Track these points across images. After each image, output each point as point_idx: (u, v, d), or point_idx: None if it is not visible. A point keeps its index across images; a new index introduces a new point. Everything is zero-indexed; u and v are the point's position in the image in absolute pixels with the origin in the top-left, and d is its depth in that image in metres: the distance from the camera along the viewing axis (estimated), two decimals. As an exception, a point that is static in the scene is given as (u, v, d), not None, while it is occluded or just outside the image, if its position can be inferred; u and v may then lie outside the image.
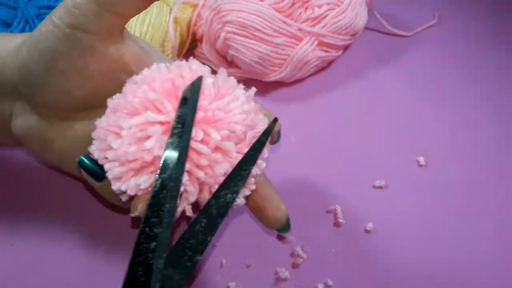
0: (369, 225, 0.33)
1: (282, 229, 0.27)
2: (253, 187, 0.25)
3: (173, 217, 0.21)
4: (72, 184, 0.34)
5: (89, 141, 0.25)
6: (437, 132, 0.40)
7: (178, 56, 0.42)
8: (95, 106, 0.26)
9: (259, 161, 0.25)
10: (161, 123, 0.23)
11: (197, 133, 0.23)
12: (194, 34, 0.43)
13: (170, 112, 0.23)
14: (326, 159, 0.38)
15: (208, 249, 0.23)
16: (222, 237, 0.33)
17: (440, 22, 0.49)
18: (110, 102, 0.25)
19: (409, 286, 0.31)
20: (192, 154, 0.23)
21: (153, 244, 0.20)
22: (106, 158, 0.24)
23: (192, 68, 0.25)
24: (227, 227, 0.34)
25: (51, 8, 0.41)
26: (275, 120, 0.27)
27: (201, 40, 0.42)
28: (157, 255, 0.20)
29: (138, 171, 0.23)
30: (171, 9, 0.41)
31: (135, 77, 0.25)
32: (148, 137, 0.23)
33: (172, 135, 0.22)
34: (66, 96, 0.26)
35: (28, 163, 0.36)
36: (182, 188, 0.23)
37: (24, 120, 0.27)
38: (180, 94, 0.23)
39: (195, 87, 0.24)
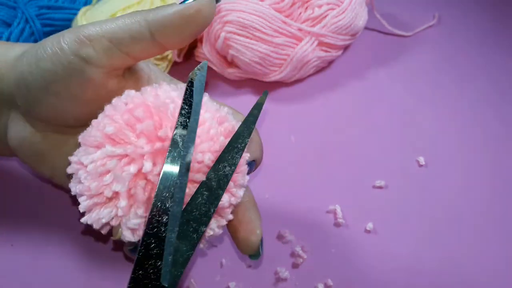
0: (369, 225, 0.33)
1: (252, 255, 0.26)
2: (230, 217, 0.24)
3: (183, 192, 0.22)
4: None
5: None
6: (437, 132, 0.40)
7: (178, 56, 0.42)
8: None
9: (233, 190, 0.24)
10: (120, 156, 0.22)
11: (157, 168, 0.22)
12: (194, 34, 0.43)
13: (133, 142, 0.22)
14: (326, 159, 0.38)
15: (211, 221, 0.23)
16: (222, 237, 0.33)
17: (440, 22, 0.49)
18: (81, 135, 0.24)
19: (409, 286, 0.31)
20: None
21: (165, 217, 0.21)
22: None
23: (157, 94, 0.24)
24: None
25: (51, 8, 0.41)
26: (265, 92, 0.26)
27: (201, 40, 0.42)
28: (169, 228, 0.21)
29: (104, 204, 0.23)
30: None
31: (106, 107, 0.24)
32: (108, 171, 0.22)
33: (180, 115, 0.22)
34: (61, 115, 0.25)
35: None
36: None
37: (18, 132, 0.27)
38: (145, 121, 0.23)
39: (202, 70, 0.24)
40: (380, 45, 0.47)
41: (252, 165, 0.27)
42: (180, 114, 0.22)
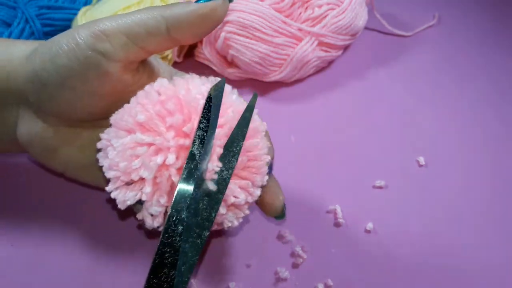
0: (369, 225, 0.33)
1: (277, 216, 0.29)
2: (247, 212, 0.26)
3: (198, 203, 0.23)
4: (72, 184, 0.34)
5: (96, 148, 0.26)
6: (437, 132, 0.40)
7: (178, 56, 0.42)
8: (105, 118, 0.26)
9: (251, 190, 0.25)
10: (149, 144, 0.23)
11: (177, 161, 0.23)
12: (194, 34, 0.43)
13: (163, 133, 0.23)
14: (326, 159, 0.38)
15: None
16: (222, 237, 0.33)
17: (440, 22, 0.49)
18: (112, 117, 0.25)
19: (409, 285, 0.31)
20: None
21: (180, 228, 0.22)
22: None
23: (189, 88, 0.25)
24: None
25: (51, 8, 0.41)
26: (255, 95, 0.27)
27: (201, 40, 0.42)
28: (184, 238, 0.21)
29: (129, 184, 0.24)
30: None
31: (138, 93, 0.25)
32: (137, 156, 0.23)
33: (198, 129, 0.23)
34: (75, 110, 0.26)
35: (29, 164, 0.36)
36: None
37: (29, 127, 0.27)
38: (175, 114, 0.24)
39: (219, 86, 0.25)
40: (380, 45, 0.47)
41: (271, 167, 0.28)
42: (198, 127, 0.23)
